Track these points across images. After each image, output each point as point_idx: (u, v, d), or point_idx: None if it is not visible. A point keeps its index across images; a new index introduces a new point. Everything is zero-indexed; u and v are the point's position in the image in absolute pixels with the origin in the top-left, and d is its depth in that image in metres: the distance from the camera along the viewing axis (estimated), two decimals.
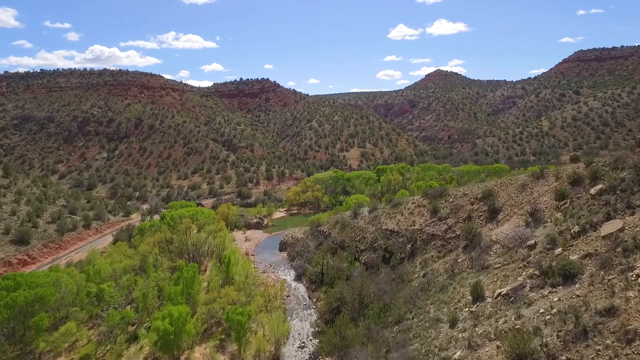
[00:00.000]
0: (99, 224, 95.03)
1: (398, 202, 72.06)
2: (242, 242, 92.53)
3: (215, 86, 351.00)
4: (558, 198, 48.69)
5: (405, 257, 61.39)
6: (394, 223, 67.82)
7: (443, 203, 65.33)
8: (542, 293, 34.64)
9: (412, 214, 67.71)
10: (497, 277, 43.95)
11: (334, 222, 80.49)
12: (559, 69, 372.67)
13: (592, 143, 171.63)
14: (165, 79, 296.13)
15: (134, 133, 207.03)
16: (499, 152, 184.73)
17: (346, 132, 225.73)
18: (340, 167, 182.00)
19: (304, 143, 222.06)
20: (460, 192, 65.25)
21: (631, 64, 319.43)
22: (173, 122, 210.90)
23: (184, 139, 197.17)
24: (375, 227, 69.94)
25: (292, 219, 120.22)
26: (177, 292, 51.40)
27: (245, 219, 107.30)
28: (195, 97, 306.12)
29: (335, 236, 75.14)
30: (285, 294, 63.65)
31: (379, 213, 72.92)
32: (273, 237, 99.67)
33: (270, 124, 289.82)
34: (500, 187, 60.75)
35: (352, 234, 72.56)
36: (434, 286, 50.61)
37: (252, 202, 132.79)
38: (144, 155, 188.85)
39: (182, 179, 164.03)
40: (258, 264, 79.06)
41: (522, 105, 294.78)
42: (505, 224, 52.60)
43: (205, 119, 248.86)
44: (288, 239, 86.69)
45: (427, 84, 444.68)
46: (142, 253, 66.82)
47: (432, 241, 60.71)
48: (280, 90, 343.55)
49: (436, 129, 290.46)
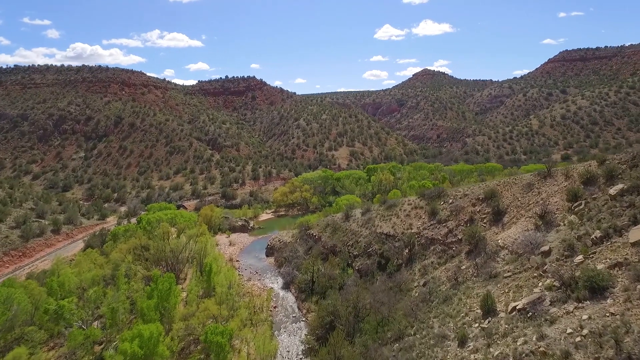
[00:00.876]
0: (70, 229, 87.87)
1: (393, 204, 67.50)
2: (225, 246, 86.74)
3: (200, 84, 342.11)
4: (571, 199, 44.57)
5: (403, 264, 56.84)
6: (390, 226, 63.21)
7: (442, 204, 61.00)
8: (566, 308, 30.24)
9: (409, 216, 63.22)
10: (509, 287, 39.56)
11: (324, 225, 75.49)
12: (545, 68, 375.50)
13: (582, 142, 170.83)
14: (147, 76, 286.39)
15: (113, 132, 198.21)
16: (490, 150, 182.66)
17: (334, 130, 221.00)
18: (329, 167, 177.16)
19: (292, 142, 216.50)
20: (460, 192, 60.99)
21: (615, 64, 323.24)
22: (155, 121, 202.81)
23: (167, 137, 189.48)
24: (369, 230, 65.23)
25: (280, 220, 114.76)
26: (151, 306, 45.68)
27: (229, 222, 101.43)
28: (178, 95, 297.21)
29: (326, 240, 70.14)
30: (273, 305, 58.39)
31: (372, 215, 68.25)
32: (259, 240, 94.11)
33: (257, 122, 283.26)
34: (503, 187, 56.65)
35: (344, 238, 67.69)
36: (437, 296, 46.09)
37: (237, 203, 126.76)
38: (123, 154, 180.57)
39: (163, 180, 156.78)
40: (243, 271, 73.53)
41: (510, 104, 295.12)
42: (512, 228, 48.39)
43: (189, 118, 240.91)
44: (275, 243, 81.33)
45: (415, 83, 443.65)
46: (114, 261, 60.68)
47: (431, 246, 56.27)
48: (266, 88, 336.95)
49: (425, 128, 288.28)
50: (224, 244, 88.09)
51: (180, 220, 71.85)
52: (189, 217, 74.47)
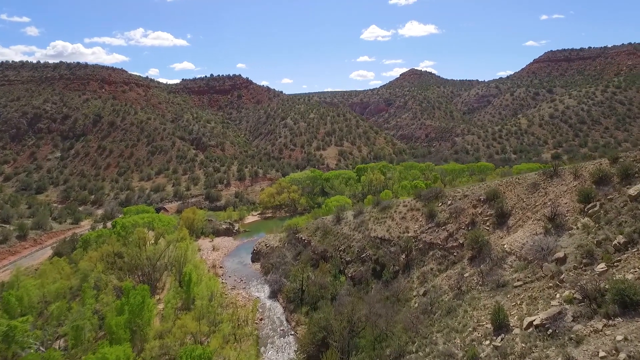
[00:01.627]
0: (39, 234, 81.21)
1: (387, 205, 63.45)
2: (208, 252, 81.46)
3: (184, 82, 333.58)
4: (583, 200, 41.03)
5: (400, 270, 52.75)
6: (384, 229, 59.10)
7: (440, 206, 57.17)
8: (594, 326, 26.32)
9: (405, 218, 59.23)
10: (521, 299, 35.69)
11: (314, 228, 71.00)
12: (531, 68, 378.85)
13: (571, 141, 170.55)
14: (129, 74, 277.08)
15: (92, 131, 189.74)
16: (480, 150, 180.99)
17: (322, 130, 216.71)
18: (318, 167, 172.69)
19: (279, 141, 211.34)
20: (459, 193, 57.25)
21: (599, 64, 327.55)
22: (136, 119, 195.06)
23: (148, 137, 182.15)
24: (362, 234, 61.02)
25: (267, 223, 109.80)
26: (120, 324, 40.43)
27: (213, 225, 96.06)
28: (162, 93, 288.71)
29: (316, 245, 65.65)
30: (259, 317, 53.64)
31: (365, 218, 64.06)
32: (245, 244, 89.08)
33: (243, 121, 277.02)
34: (506, 187, 53.06)
35: (336, 243, 63.31)
36: (439, 308, 42.03)
37: (221, 205, 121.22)
38: (102, 154, 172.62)
39: (144, 181, 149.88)
40: (227, 279, 68.50)
41: (498, 104, 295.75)
42: (519, 231, 44.70)
43: (172, 116, 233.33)
44: (262, 248, 76.46)
45: (402, 82, 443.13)
46: (83, 271, 55.01)
47: (430, 251, 52.31)
48: (253, 87, 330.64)
49: (413, 128, 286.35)
50: (206, 249, 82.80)
51: (158, 225, 66.40)
52: (167, 221, 69.05)
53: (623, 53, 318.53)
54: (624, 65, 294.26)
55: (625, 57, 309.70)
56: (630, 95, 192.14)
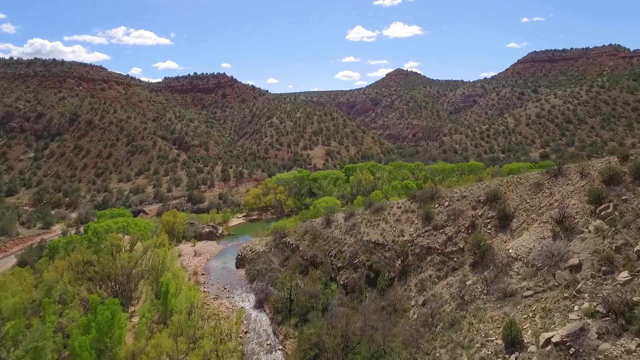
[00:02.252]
0: (3, 241, 74.85)
1: (380, 207, 59.86)
2: (190, 257, 76.51)
3: (167, 81, 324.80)
4: (593, 201, 38.16)
5: (396, 277, 49.16)
6: (378, 233, 55.46)
7: (436, 207, 53.87)
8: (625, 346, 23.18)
9: (399, 221, 55.72)
10: (533, 310, 32.43)
11: (302, 231, 66.95)
12: (515, 69, 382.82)
13: (558, 140, 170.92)
14: (108, 71, 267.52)
15: (68, 130, 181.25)
16: (468, 149, 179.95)
17: (309, 129, 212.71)
18: (305, 167, 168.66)
19: (264, 141, 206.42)
20: (456, 193, 54.04)
21: (581, 65, 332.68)
22: (115, 118, 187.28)
23: (128, 136, 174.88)
24: (355, 238, 57.25)
25: (252, 225, 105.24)
26: (85, 344, 35.67)
27: (195, 228, 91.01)
28: (143, 92, 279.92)
29: (304, 250, 61.60)
30: (243, 329, 49.33)
31: (357, 220, 60.33)
32: (229, 248, 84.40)
33: (228, 121, 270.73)
34: (507, 187, 50.07)
35: (326, 247, 59.39)
36: (441, 320, 38.56)
37: (204, 207, 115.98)
38: (79, 154, 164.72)
39: (124, 182, 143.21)
40: (209, 287, 63.86)
41: (484, 104, 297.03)
42: (525, 235, 41.61)
43: (153, 115, 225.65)
44: (247, 253, 72.00)
45: (389, 82, 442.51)
46: (48, 282, 49.67)
47: (428, 256, 48.90)
48: (237, 85, 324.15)
49: (400, 127, 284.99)
50: (188, 255, 77.83)
51: (133, 230, 61.27)
52: (144, 226, 64.00)
53: (604, 54, 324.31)
54: (605, 66, 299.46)
55: (607, 58, 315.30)
56: (614, 95, 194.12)
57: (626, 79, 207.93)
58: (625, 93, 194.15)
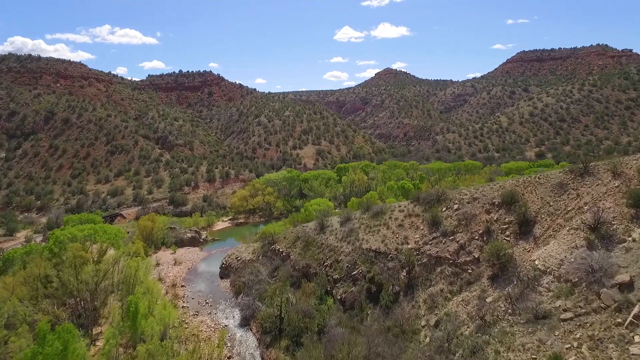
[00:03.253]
0: None
1: (380, 211, 53.89)
2: (169, 267, 69.32)
3: (151, 78, 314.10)
4: (633, 204, 32.77)
5: (401, 291, 43.18)
6: (379, 240, 49.44)
7: (444, 211, 48.14)
8: None
9: (402, 226, 49.82)
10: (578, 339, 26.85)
11: (293, 237, 60.53)
12: (504, 68, 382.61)
13: (552, 139, 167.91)
14: (88, 68, 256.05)
15: (43, 129, 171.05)
16: (462, 148, 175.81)
17: (299, 128, 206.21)
18: (294, 167, 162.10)
19: (252, 140, 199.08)
20: (466, 195, 48.35)
21: (570, 64, 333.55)
22: (94, 116, 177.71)
23: (107, 135, 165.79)
24: (352, 245, 51.12)
25: (239, 230, 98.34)
26: None
27: (176, 234, 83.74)
28: (125, 89, 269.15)
29: (296, 259, 55.21)
30: (226, 354, 42.75)
31: (354, 225, 54.22)
32: (213, 256, 77.46)
33: (214, 119, 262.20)
34: (525, 188, 44.59)
35: (320, 256, 53.09)
36: (459, 345, 32.71)
37: (187, 210, 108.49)
38: (54, 154, 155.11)
39: (101, 183, 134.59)
40: (189, 301, 56.94)
41: (475, 103, 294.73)
42: (552, 243, 35.98)
43: (136, 114, 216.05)
44: (232, 262, 65.23)
45: (378, 82, 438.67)
46: None
47: (437, 266, 43.05)
48: (224, 83, 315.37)
49: (391, 126, 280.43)
50: (167, 263, 70.63)
51: (102, 238, 53.99)
52: (115, 233, 56.73)
53: (592, 54, 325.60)
54: (594, 65, 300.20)
55: (595, 57, 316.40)
56: (606, 93, 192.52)
57: (617, 78, 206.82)
58: (617, 91, 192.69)
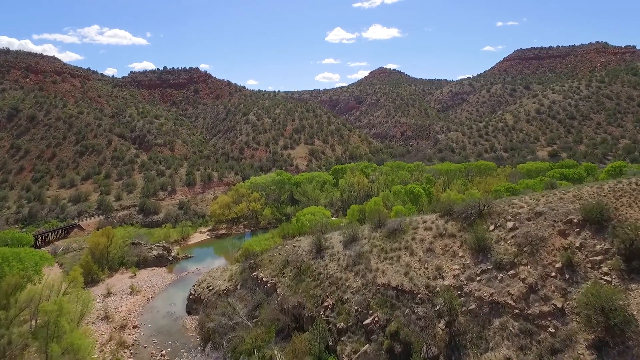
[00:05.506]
0: None
1: (397, 228, 39.66)
2: (123, 297, 54.16)
3: (133, 75, 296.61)
4: None
5: (440, 355, 29.07)
6: (400, 272, 35.15)
7: (493, 230, 33.99)
8: None
9: (432, 252, 35.62)
10: None
11: (280, 262, 45.98)
12: (502, 66, 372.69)
13: (564, 137, 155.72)
14: (62, 62, 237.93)
15: (5, 127, 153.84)
16: (466, 148, 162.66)
17: (290, 126, 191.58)
18: (285, 168, 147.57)
19: (239, 139, 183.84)
20: (523, 208, 34.32)
21: (570, 62, 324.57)
22: (64, 113, 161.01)
23: (78, 134, 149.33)
24: (363, 278, 36.88)
25: (220, 243, 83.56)
26: None
27: (139, 251, 68.57)
28: (105, 86, 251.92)
29: (284, 294, 40.75)
30: None
31: (364, 248, 39.92)
32: (183, 279, 62.56)
33: (200, 118, 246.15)
34: (617, 200, 30.63)
35: (318, 291, 38.68)
36: None
37: (160, 219, 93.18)
38: (16, 155, 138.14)
39: (66, 188, 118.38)
40: (140, 350, 42.05)
41: (474, 101, 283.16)
42: None
43: (113, 111, 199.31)
44: (202, 292, 50.42)
45: (372, 80, 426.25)
46: None
47: (494, 317, 28.83)
48: (212, 81, 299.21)
49: (387, 126, 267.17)
50: (121, 292, 55.49)
51: (15, 268, 39.04)
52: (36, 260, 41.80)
53: (592, 51, 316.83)
54: (597, 62, 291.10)
55: (596, 54, 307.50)
56: (616, 89, 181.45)
57: (624, 74, 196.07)
58: (627, 88, 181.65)
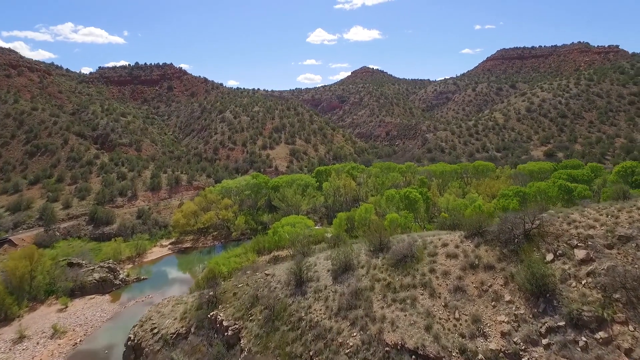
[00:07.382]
0: None
1: (408, 254, 28.28)
2: (40, 343, 40.93)
3: (101, 71, 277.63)
4: None
5: None
6: (417, 322, 23.64)
7: (553, 262, 23.10)
8: None
9: (463, 290, 24.14)
10: None
11: (248, 298, 33.95)
12: (485, 66, 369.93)
13: (557, 136, 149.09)
14: (20, 55, 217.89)
15: None
16: (457, 147, 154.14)
17: (270, 125, 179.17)
18: (264, 170, 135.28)
19: (214, 139, 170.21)
20: (595, 226, 23.57)
21: (553, 61, 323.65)
22: (14, 109, 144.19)
23: (29, 132, 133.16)
24: (363, 332, 25.34)
25: (183, 259, 70.77)
26: None
27: (77, 273, 55.24)
28: (68, 82, 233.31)
29: (250, 349, 28.93)
30: None
31: (361, 283, 28.34)
32: (128, 311, 49.75)
33: (173, 117, 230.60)
34: None
35: (298, 349, 26.86)
36: None
37: (113, 230, 79.55)
38: None
39: (7, 194, 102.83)
40: None
41: (460, 100, 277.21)
42: None
43: (74, 108, 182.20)
44: (144, 336, 37.84)
45: (355, 79, 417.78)
46: None
47: None
48: (187, 77, 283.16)
49: (372, 125, 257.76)
50: (37, 336, 42.24)
51: None
52: None
53: (575, 51, 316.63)
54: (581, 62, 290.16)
55: (579, 54, 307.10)
56: (605, 87, 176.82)
57: (612, 72, 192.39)
58: (617, 86, 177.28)
